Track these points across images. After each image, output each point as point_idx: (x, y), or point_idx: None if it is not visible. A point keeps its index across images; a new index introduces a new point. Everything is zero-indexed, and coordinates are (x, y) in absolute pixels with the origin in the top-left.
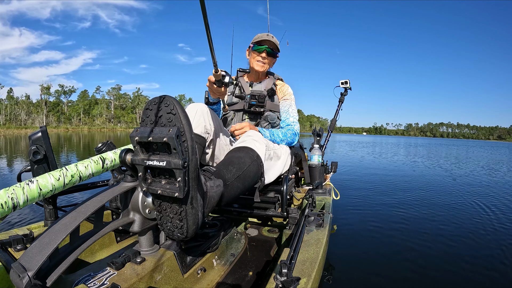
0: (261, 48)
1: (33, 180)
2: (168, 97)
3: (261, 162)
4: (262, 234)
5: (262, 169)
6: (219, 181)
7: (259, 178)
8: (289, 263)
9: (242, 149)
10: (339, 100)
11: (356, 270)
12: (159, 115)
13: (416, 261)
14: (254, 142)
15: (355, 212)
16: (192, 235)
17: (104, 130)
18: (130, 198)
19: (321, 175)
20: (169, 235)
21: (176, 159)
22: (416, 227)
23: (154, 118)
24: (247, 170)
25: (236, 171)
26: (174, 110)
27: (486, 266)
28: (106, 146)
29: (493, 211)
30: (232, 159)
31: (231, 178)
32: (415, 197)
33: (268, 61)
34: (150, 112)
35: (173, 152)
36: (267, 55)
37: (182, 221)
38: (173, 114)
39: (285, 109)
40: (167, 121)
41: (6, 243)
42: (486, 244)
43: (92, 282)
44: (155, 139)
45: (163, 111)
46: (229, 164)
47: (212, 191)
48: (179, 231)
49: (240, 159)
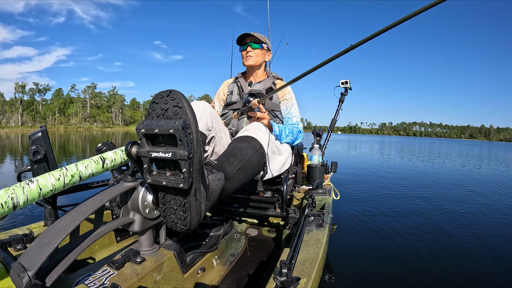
0: (244, 45)
1: (33, 180)
2: (174, 91)
3: (264, 151)
4: (262, 234)
5: (264, 159)
6: (221, 174)
7: (261, 168)
8: (289, 263)
9: (245, 139)
10: (339, 100)
11: (356, 270)
12: (166, 108)
13: (416, 260)
14: (257, 131)
15: (355, 212)
16: (194, 227)
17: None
18: (130, 198)
19: (321, 175)
20: (172, 227)
21: (182, 150)
22: (416, 226)
23: (161, 111)
24: (249, 161)
25: (237, 163)
26: (181, 104)
27: (486, 266)
28: (106, 146)
29: (497, 209)
30: (234, 150)
31: (233, 170)
32: (415, 197)
33: (255, 53)
34: (156, 105)
35: (179, 144)
36: (252, 48)
37: (185, 213)
38: (179, 108)
39: (287, 109)
40: (173, 114)
41: (6, 242)
42: (487, 245)
43: (92, 282)
44: (161, 131)
45: (169, 104)
46: (230, 156)
47: (214, 184)
48: (182, 222)
49: (242, 149)
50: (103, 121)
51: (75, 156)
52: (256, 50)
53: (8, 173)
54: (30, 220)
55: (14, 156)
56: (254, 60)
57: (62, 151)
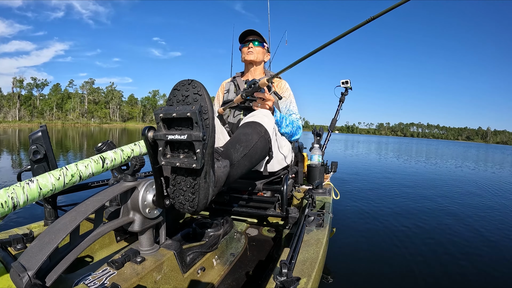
0: (245, 41)
1: (33, 180)
2: (195, 81)
3: (269, 137)
4: (262, 234)
5: (270, 144)
6: (226, 161)
7: (267, 153)
8: (289, 263)
9: (250, 125)
10: (339, 100)
11: (356, 270)
12: (187, 95)
13: (415, 260)
14: (263, 117)
15: (355, 211)
16: (201, 210)
17: (78, 125)
18: (130, 197)
19: (321, 175)
20: (180, 208)
21: (197, 132)
22: (416, 226)
23: (181, 97)
24: (254, 147)
25: (243, 149)
26: (201, 92)
27: (486, 265)
28: (106, 145)
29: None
30: (239, 137)
31: (238, 157)
32: (415, 196)
33: (256, 50)
34: (178, 92)
35: (195, 126)
36: (254, 45)
37: (194, 194)
38: (199, 95)
39: (286, 107)
40: (193, 101)
41: (6, 242)
42: (487, 244)
43: (92, 282)
44: (179, 115)
45: (190, 92)
46: (236, 143)
47: (220, 171)
48: (190, 204)
49: (247, 135)
50: (101, 117)
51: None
52: (257, 47)
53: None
54: (30, 220)
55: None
56: (255, 56)
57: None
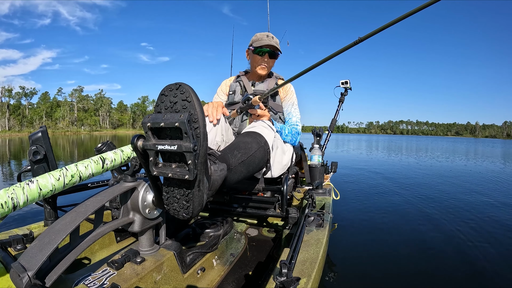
0: (263, 51)
1: (33, 180)
2: (184, 84)
3: (268, 148)
4: (262, 234)
5: (268, 156)
6: (223, 165)
7: (264, 164)
8: (289, 263)
9: (251, 134)
10: (339, 100)
11: (356, 270)
12: (175, 102)
13: (416, 259)
14: (263, 128)
15: (355, 211)
16: (196, 215)
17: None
18: (130, 198)
19: (321, 175)
20: (174, 214)
21: (187, 143)
22: (416, 225)
23: (169, 104)
24: (252, 156)
25: (241, 156)
26: (190, 98)
27: (486, 265)
28: (106, 146)
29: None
30: (239, 144)
31: (235, 163)
32: (415, 196)
33: (270, 64)
34: (165, 98)
35: (184, 137)
36: (269, 57)
37: (188, 202)
38: (188, 101)
39: (288, 109)
40: (182, 108)
41: (6, 243)
42: (487, 245)
43: (92, 282)
44: (167, 124)
45: (178, 98)
46: (234, 149)
47: (216, 174)
48: (185, 211)
49: (247, 144)
50: (91, 125)
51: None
52: (272, 59)
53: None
54: (30, 220)
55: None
56: (268, 70)
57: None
